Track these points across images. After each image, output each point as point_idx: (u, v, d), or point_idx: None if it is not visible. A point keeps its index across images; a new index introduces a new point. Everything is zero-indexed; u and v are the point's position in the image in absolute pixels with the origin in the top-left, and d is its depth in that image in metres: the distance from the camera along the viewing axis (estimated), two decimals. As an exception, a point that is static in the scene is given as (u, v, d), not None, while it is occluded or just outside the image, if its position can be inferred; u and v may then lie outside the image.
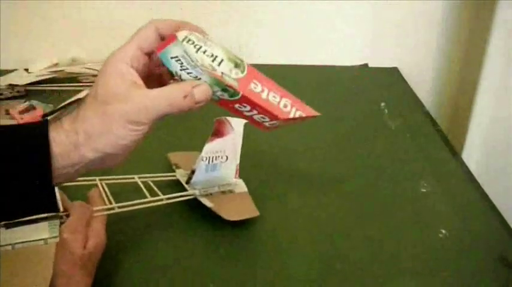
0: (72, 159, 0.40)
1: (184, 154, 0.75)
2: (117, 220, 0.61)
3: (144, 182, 0.67)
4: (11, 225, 0.51)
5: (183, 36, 0.41)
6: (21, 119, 0.86)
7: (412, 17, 1.12)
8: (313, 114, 0.45)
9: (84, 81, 1.02)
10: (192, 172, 0.66)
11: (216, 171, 0.67)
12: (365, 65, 1.17)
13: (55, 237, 0.51)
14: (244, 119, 0.47)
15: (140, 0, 1.07)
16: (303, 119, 0.45)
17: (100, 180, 0.65)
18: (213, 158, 0.65)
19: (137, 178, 0.67)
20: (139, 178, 0.67)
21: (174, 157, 0.75)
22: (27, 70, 1.06)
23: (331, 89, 1.05)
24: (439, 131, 0.91)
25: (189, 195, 0.66)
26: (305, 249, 0.62)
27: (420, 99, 1.03)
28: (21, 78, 1.01)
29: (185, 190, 0.67)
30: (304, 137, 0.86)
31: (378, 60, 1.16)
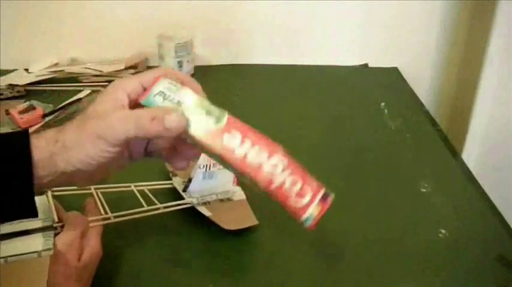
0: (48, 167, 0.41)
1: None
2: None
3: (140, 191, 0.65)
4: (4, 237, 0.49)
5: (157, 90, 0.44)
6: (21, 119, 0.86)
7: (412, 17, 1.12)
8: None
9: (84, 81, 1.02)
10: (189, 179, 0.65)
11: (214, 179, 0.66)
12: (365, 65, 1.17)
13: (49, 249, 0.49)
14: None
15: (140, 1, 1.07)
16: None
17: (95, 189, 0.63)
18: (210, 166, 0.64)
19: (133, 187, 0.65)
20: (135, 186, 0.66)
21: None
22: (27, 70, 1.07)
23: (331, 89, 1.05)
24: (438, 130, 0.91)
25: (187, 203, 0.65)
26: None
27: (420, 99, 1.03)
28: (21, 78, 1.01)
29: (182, 198, 0.65)
30: (304, 137, 0.86)
31: (378, 60, 1.16)
